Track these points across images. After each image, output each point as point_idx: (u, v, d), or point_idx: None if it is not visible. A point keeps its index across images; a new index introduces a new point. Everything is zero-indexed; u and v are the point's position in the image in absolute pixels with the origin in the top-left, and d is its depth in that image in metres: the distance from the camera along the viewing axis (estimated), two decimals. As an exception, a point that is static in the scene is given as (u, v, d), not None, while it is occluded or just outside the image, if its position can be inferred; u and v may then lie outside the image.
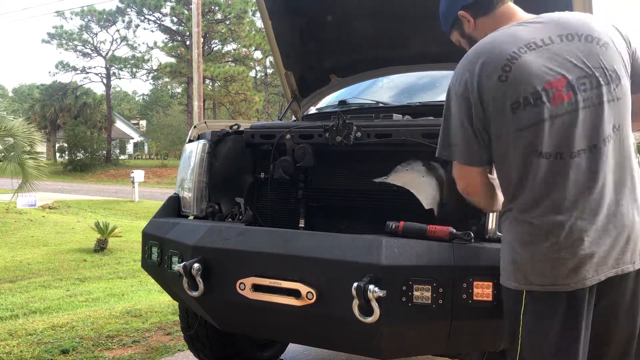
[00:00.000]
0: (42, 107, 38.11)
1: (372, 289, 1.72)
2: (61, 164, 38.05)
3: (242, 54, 36.30)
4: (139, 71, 38.58)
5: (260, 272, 2.00)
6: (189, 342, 2.94)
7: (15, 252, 10.39)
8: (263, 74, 40.77)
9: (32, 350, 3.56)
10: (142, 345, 3.69)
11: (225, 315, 2.28)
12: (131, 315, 4.48)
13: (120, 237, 11.05)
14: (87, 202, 19.59)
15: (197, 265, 2.06)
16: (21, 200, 13.64)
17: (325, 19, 3.05)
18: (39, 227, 13.18)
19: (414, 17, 2.91)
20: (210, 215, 2.48)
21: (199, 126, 2.72)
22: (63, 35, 37.03)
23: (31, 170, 10.84)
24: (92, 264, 9.46)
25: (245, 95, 34.21)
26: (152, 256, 2.35)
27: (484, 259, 1.76)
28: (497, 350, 1.91)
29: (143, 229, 2.44)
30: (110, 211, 17.82)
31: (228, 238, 2.11)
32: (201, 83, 16.10)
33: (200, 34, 15.72)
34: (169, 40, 36.26)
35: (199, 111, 15.51)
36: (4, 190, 16.41)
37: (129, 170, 25.60)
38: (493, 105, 1.48)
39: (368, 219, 2.39)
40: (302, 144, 2.36)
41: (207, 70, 30.23)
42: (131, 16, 36.59)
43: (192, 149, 2.56)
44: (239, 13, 33.19)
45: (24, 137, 10.84)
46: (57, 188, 23.70)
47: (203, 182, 2.49)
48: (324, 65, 3.44)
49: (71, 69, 38.49)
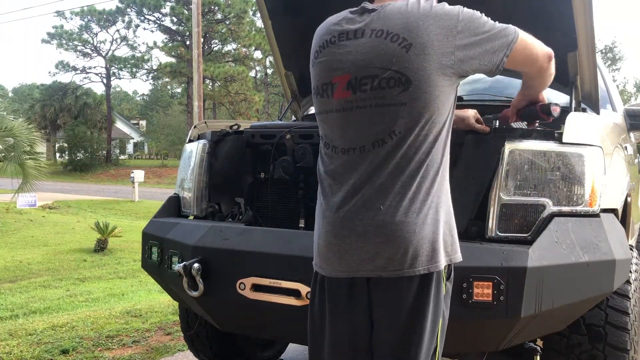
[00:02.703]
0: (42, 107, 38.11)
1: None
2: (61, 164, 38.06)
3: (242, 54, 36.31)
4: (139, 71, 38.63)
5: (260, 272, 2.00)
6: (189, 342, 2.94)
7: (15, 252, 10.39)
8: (263, 74, 40.81)
9: (32, 350, 3.56)
10: (142, 345, 3.69)
11: (225, 315, 2.28)
12: (131, 315, 4.48)
13: (120, 237, 11.05)
14: (87, 202, 19.60)
15: (197, 265, 2.06)
16: (21, 200, 13.65)
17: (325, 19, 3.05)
18: (39, 227, 13.19)
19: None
20: (210, 215, 2.48)
21: (199, 126, 2.72)
22: (63, 35, 37.03)
23: (31, 171, 10.86)
24: (92, 264, 9.47)
25: (245, 95, 34.21)
26: (152, 256, 2.35)
27: (484, 259, 1.76)
28: (497, 350, 1.91)
29: (143, 229, 2.44)
30: (110, 211, 17.83)
31: (228, 238, 2.11)
32: (201, 83, 16.10)
33: (200, 34, 15.72)
34: (169, 40, 36.26)
35: (199, 111, 15.51)
36: (4, 190, 16.41)
37: (129, 170, 25.61)
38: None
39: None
40: (302, 144, 2.36)
41: (207, 70, 30.23)
42: (131, 16, 36.65)
43: (192, 149, 2.56)
44: (239, 13, 33.20)
45: (24, 137, 10.85)
46: (57, 188, 23.70)
47: (203, 182, 2.49)
48: (324, 65, 3.44)
49: (71, 69, 38.51)
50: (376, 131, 1.43)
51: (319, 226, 1.53)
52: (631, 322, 2.01)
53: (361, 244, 1.43)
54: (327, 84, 1.51)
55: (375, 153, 1.43)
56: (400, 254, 1.40)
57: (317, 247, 1.54)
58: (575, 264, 1.77)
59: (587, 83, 2.40)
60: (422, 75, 1.39)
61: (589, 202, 1.91)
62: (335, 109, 1.49)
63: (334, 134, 1.51)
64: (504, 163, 1.89)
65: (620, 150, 2.56)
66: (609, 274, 1.83)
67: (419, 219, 1.41)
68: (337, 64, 1.48)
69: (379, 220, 1.41)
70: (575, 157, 1.91)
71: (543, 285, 1.73)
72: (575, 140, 1.92)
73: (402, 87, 1.40)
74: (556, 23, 2.33)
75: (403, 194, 1.41)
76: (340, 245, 1.46)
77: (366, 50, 1.44)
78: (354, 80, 1.45)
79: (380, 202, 1.42)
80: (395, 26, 1.42)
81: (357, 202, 1.44)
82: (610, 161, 2.15)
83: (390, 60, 1.41)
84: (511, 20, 1.51)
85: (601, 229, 1.87)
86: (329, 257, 1.49)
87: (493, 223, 1.89)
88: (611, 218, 1.99)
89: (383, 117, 1.42)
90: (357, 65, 1.45)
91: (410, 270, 1.41)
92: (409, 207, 1.40)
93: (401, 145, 1.41)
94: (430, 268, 1.42)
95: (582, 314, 1.97)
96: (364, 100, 1.44)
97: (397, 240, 1.40)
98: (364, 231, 1.43)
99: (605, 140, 2.15)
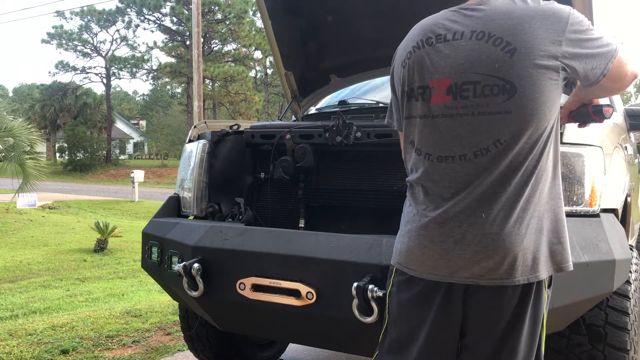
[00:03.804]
0: (42, 107, 38.08)
1: (372, 289, 1.72)
2: (61, 164, 38.04)
3: (242, 54, 36.30)
4: (139, 71, 38.60)
5: (260, 272, 2.00)
6: (189, 342, 2.94)
7: (15, 252, 10.39)
8: (263, 74, 40.76)
9: (32, 350, 3.56)
10: (142, 345, 3.69)
11: (225, 315, 2.28)
12: (131, 315, 4.48)
13: (120, 237, 11.05)
14: (87, 202, 19.59)
15: (197, 265, 2.06)
16: (21, 200, 13.63)
17: (325, 19, 3.05)
18: (39, 227, 13.18)
19: (414, 17, 2.91)
20: (210, 215, 2.48)
21: (199, 126, 2.72)
22: (63, 35, 37.01)
23: (31, 171, 10.85)
24: (92, 264, 9.46)
25: (245, 95, 34.18)
26: (152, 256, 2.35)
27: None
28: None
29: (143, 229, 2.44)
30: (110, 211, 17.82)
31: (228, 238, 2.10)
32: (201, 83, 16.10)
33: (200, 34, 15.72)
34: (169, 40, 36.23)
35: (199, 111, 15.51)
36: (4, 190, 16.41)
37: (129, 170, 25.60)
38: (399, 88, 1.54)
39: (368, 219, 2.39)
40: (302, 144, 2.36)
41: (207, 70, 30.22)
42: (131, 16, 36.61)
43: (192, 149, 2.56)
44: (239, 13, 33.18)
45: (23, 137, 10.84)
46: (57, 188, 23.70)
47: (203, 182, 2.49)
48: (324, 65, 3.44)
49: (71, 69, 38.49)
50: (479, 140, 1.37)
51: (411, 230, 1.48)
52: (631, 322, 2.01)
53: (459, 251, 1.39)
54: (424, 87, 1.43)
55: (478, 162, 1.37)
56: (500, 263, 1.36)
57: (407, 249, 1.48)
58: (575, 264, 1.76)
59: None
60: (528, 82, 1.32)
61: (589, 202, 1.91)
62: (433, 114, 1.42)
63: (428, 139, 1.44)
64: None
65: (620, 150, 2.56)
66: (609, 274, 1.83)
67: (521, 229, 1.36)
68: (435, 67, 1.41)
69: (479, 229, 1.37)
70: (575, 157, 1.91)
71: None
72: (575, 140, 1.92)
73: (507, 94, 1.33)
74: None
75: (506, 203, 1.36)
76: (436, 250, 1.42)
77: (467, 53, 1.37)
78: (454, 86, 1.37)
79: (481, 210, 1.37)
80: (498, 28, 1.35)
81: (456, 209, 1.39)
82: (610, 161, 2.15)
83: (493, 66, 1.34)
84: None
85: (601, 229, 1.87)
86: (423, 260, 1.45)
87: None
88: (611, 218, 1.99)
89: (487, 126, 1.36)
90: (458, 70, 1.37)
91: (509, 280, 1.37)
92: (511, 217, 1.35)
93: (506, 154, 1.35)
94: (530, 278, 1.38)
95: (582, 314, 1.97)
96: (466, 108, 1.37)
97: (498, 250, 1.36)
98: (462, 238, 1.39)
99: (605, 140, 2.15)
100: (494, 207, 1.36)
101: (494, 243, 1.36)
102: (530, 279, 1.39)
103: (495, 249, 1.36)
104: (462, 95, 1.37)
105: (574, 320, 1.98)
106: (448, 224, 1.40)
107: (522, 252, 1.36)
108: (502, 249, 1.36)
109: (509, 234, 1.36)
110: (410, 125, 1.49)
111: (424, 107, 1.44)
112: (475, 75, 1.36)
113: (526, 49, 1.32)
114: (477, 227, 1.37)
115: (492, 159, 1.36)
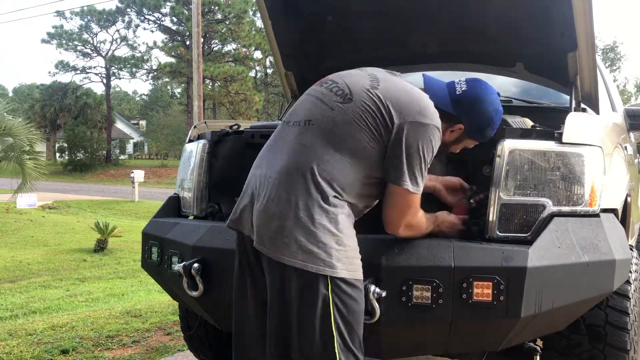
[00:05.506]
0: (42, 107, 38.11)
1: (372, 289, 1.72)
2: (61, 164, 38.09)
3: (242, 54, 36.32)
4: (139, 71, 38.65)
5: (260, 272, 1.99)
6: (189, 342, 2.94)
7: (15, 252, 10.39)
8: (263, 74, 40.78)
9: (32, 350, 3.56)
10: (142, 345, 3.69)
11: (225, 315, 2.28)
12: (131, 315, 4.48)
13: (120, 237, 11.05)
14: (87, 202, 19.60)
15: (197, 265, 2.06)
16: (21, 200, 13.65)
17: (325, 19, 3.05)
18: (39, 227, 13.18)
19: (414, 17, 2.91)
20: (210, 215, 2.48)
21: (199, 126, 2.72)
22: (63, 35, 37.03)
23: (31, 171, 10.86)
24: (92, 264, 9.47)
25: (245, 95, 34.21)
26: (152, 256, 2.35)
27: (483, 259, 1.76)
28: (497, 350, 1.92)
29: (143, 229, 2.44)
30: (110, 211, 17.83)
31: (228, 238, 2.10)
32: (201, 83, 16.10)
33: (200, 34, 15.72)
34: (169, 40, 36.27)
35: (199, 111, 15.52)
36: (4, 190, 16.40)
37: (129, 170, 25.61)
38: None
39: (368, 219, 2.38)
40: (302, 144, 2.36)
41: (207, 70, 30.23)
42: (131, 16, 36.67)
43: (192, 149, 2.56)
44: (239, 13, 33.21)
45: (23, 137, 10.84)
46: (57, 188, 23.70)
47: (203, 182, 2.49)
48: (324, 65, 3.44)
49: (71, 69, 38.51)
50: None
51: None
52: (631, 322, 2.01)
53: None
54: None
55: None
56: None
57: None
58: (575, 264, 1.77)
59: (586, 83, 2.40)
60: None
61: (588, 202, 1.91)
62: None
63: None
64: (504, 163, 1.89)
65: (620, 150, 2.56)
66: (609, 274, 1.83)
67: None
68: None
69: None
70: (575, 157, 1.91)
71: (543, 286, 1.73)
72: (575, 140, 1.92)
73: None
74: (556, 23, 2.33)
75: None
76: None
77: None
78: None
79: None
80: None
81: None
82: (610, 161, 2.15)
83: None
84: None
85: (601, 229, 1.87)
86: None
87: (493, 223, 1.89)
88: (611, 218, 1.99)
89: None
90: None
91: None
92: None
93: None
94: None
95: (582, 314, 1.97)
96: None
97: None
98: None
99: (605, 140, 2.15)
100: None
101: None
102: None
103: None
104: None
105: (574, 320, 1.98)
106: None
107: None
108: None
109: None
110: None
111: None
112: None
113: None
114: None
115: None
